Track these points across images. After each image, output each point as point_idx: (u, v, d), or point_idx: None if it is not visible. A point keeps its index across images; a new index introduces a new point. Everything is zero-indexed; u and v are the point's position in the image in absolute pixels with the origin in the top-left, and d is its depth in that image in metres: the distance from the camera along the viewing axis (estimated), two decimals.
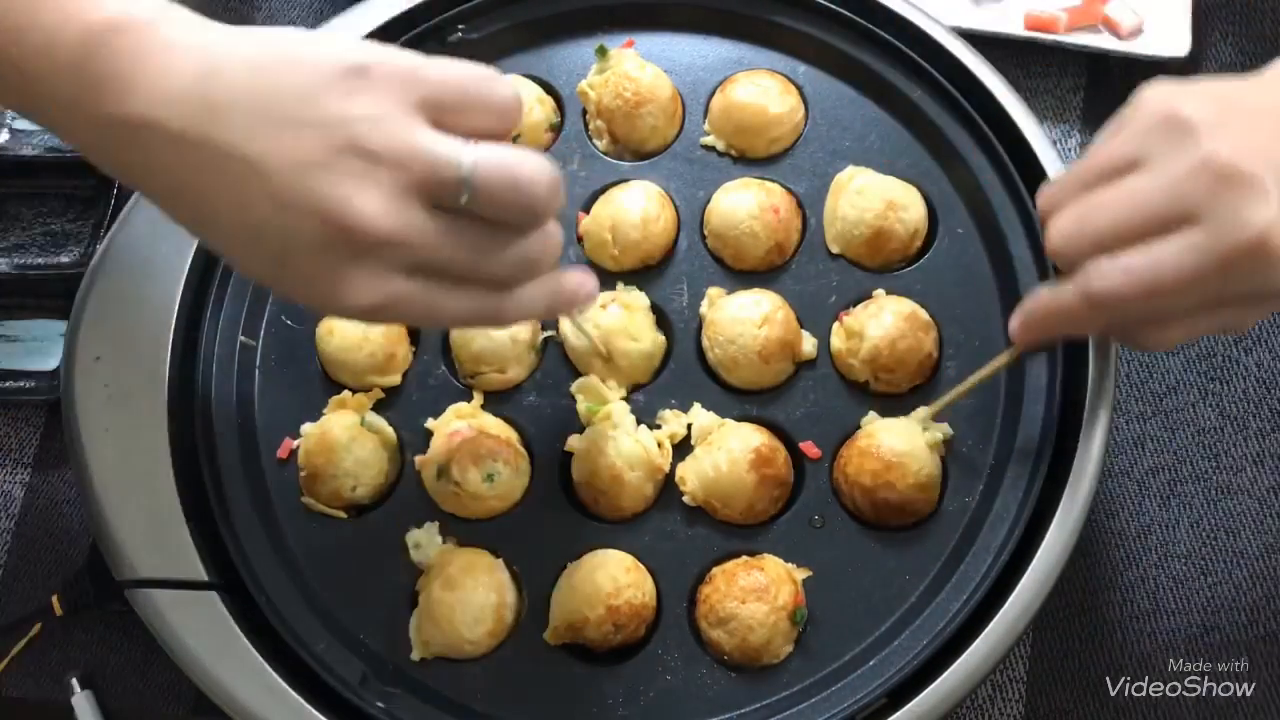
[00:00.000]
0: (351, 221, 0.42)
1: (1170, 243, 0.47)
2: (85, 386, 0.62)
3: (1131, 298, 0.48)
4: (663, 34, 0.71)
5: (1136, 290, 0.48)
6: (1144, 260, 0.48)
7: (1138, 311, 0.50)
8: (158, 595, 0.59)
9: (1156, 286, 0.48)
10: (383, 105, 0.43)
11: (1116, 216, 0.49)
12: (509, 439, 0.62)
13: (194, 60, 0.43)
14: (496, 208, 0.44)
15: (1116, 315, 0.50)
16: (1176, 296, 0.48)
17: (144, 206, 0.66)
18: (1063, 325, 0.53)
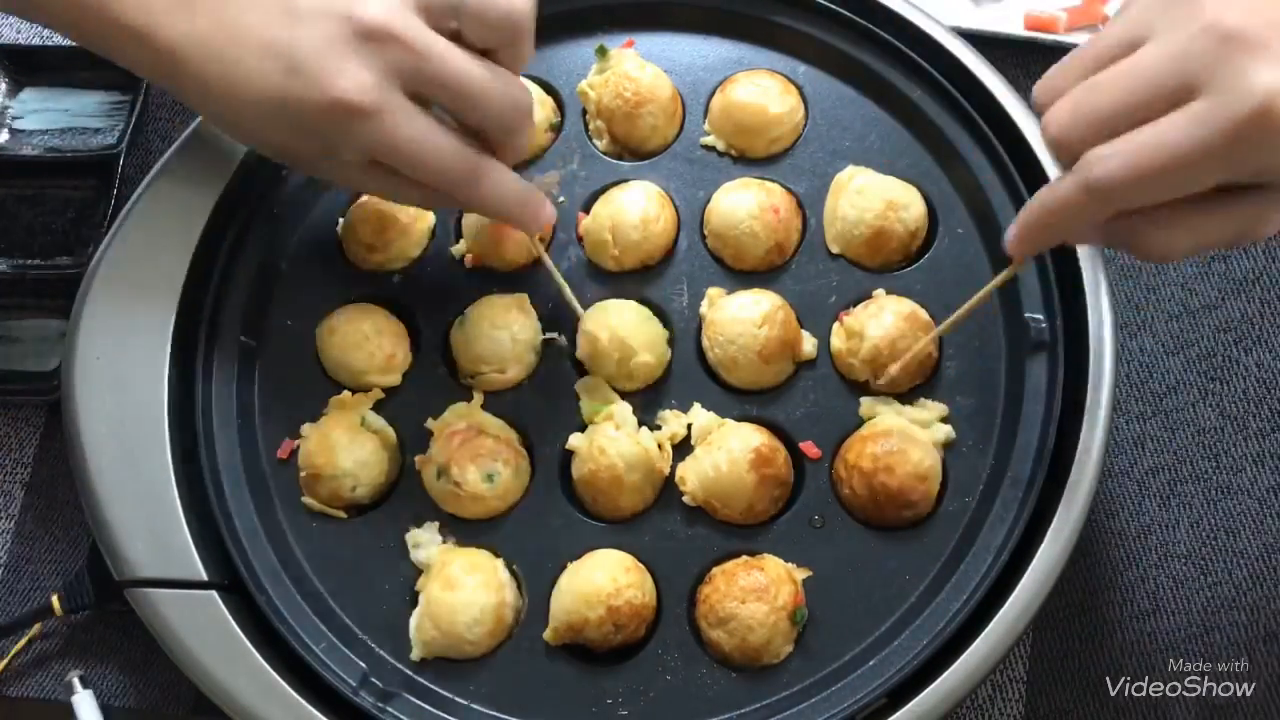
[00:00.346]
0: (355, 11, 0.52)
1: (1173, 117, 0.44)
2: (85, 386, 0.62)
3: (1133, 180, 0.45)
4: (663, 34, 0.71)
5: (1137, 171, 0.44)
6: (1144, 138, 0.44)
7: (1140, 198, 0.45)
8: (158, 595, 0.59)
9: (1159, 165, 0.44)
10: None
11: (1115, 95, 0.46)
12: (509, 439, 0.62)
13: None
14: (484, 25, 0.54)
15: (1118, 203, 0.46)
16: (1182, 177, 0.44)
17: (144, 207, 0.66)
18: (1063, 224, 0.49)
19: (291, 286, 0.67)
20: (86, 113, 0.80)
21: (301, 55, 0.53)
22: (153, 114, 0.80)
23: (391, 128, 0.53)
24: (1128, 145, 0.45)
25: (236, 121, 0.58)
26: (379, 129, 0.53)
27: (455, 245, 0.67)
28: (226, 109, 0.57)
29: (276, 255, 0.67)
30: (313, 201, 0.68)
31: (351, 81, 0.52)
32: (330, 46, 0.52)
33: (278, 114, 0.54)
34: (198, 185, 0.66)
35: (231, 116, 0.57)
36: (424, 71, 0.53)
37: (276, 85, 0.54)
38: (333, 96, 0.52)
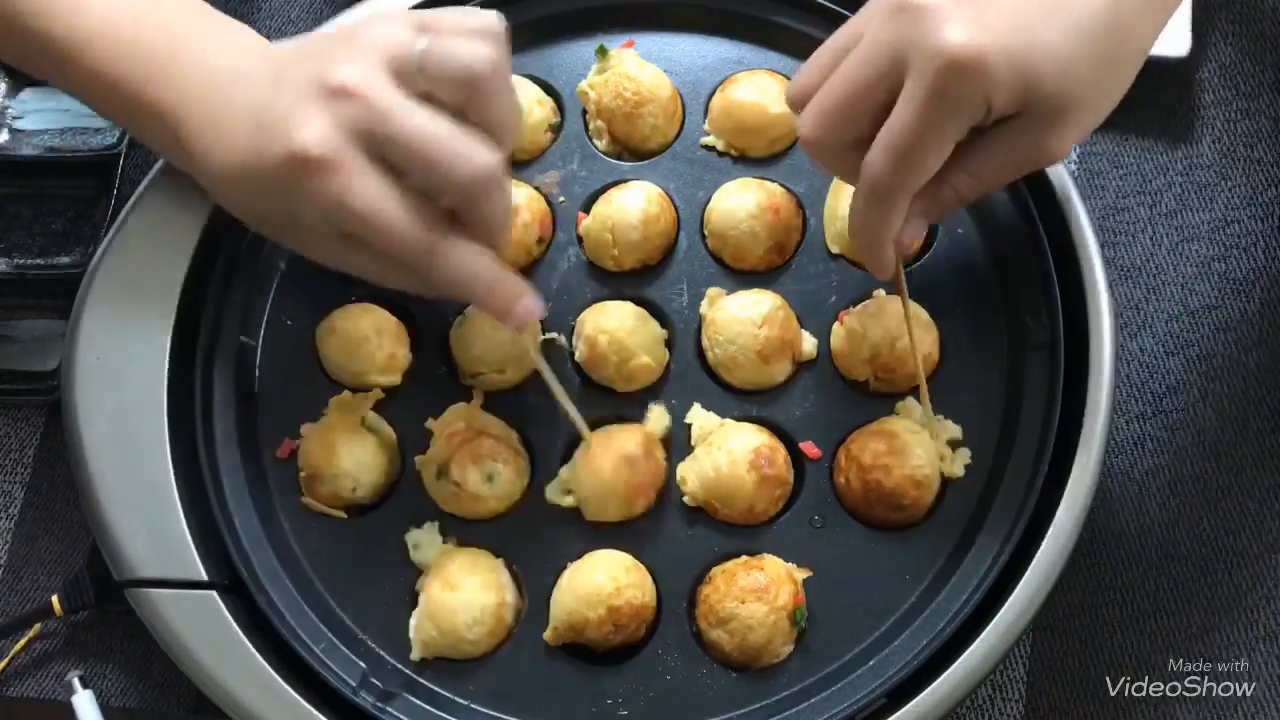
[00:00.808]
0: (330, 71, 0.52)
1: (899, 103, 0.49)
2: (85, 386, 0.62)
3: (897, 169, 0.50)
4: (663, 34, 0.71)
5: (897, 162, 0.50)
6: (887, 133, 0.50)
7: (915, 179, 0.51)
8: (158, 595, 0.59)
9: (908, 148, 0.49)
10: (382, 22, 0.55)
11: (844, 89, 0.51)
12: (509, 439, 0.62)
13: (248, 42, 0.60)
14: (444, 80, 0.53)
15: (900, 193, 0.51)
16: (931, 147, 0.50)
17: (144, 207, 0.66)
18: (880, 231, 0.53)
19: (291, 286, 0.67)
20: (86, 113, 0.79)
21: (271, 112, 0.53)
22: None
23: (345, 185, 0.52)
24: (879, 144, 0.50)
25: (219, 188, 0.59)
26: (333, 186, 0.52)
27: None
28: (209, 173, 0.58)
29: (276, 255, 0.67)
30: None
31: (310, 134, 0.51)
32: (298, 104, 0.53)
33: (246, 172, 0.55)
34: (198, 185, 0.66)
35: (214, 182, 0.58)
36: (383, 129, 0.52)
37: (245, 142, 0.54)
38: (290, 149, 0.52)
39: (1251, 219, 0.70)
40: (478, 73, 0.53)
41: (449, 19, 0.55)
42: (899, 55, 0.49)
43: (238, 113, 0.55)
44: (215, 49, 0.58)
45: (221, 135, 0.56)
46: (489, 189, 0.53)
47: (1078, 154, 0.74)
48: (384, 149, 0.52)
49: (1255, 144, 0.72)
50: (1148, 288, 0.70)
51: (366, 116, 0.52)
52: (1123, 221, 0.71)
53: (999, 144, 0.52)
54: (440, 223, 0.54)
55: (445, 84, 0.53)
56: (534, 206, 0.66)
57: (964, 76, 0.47)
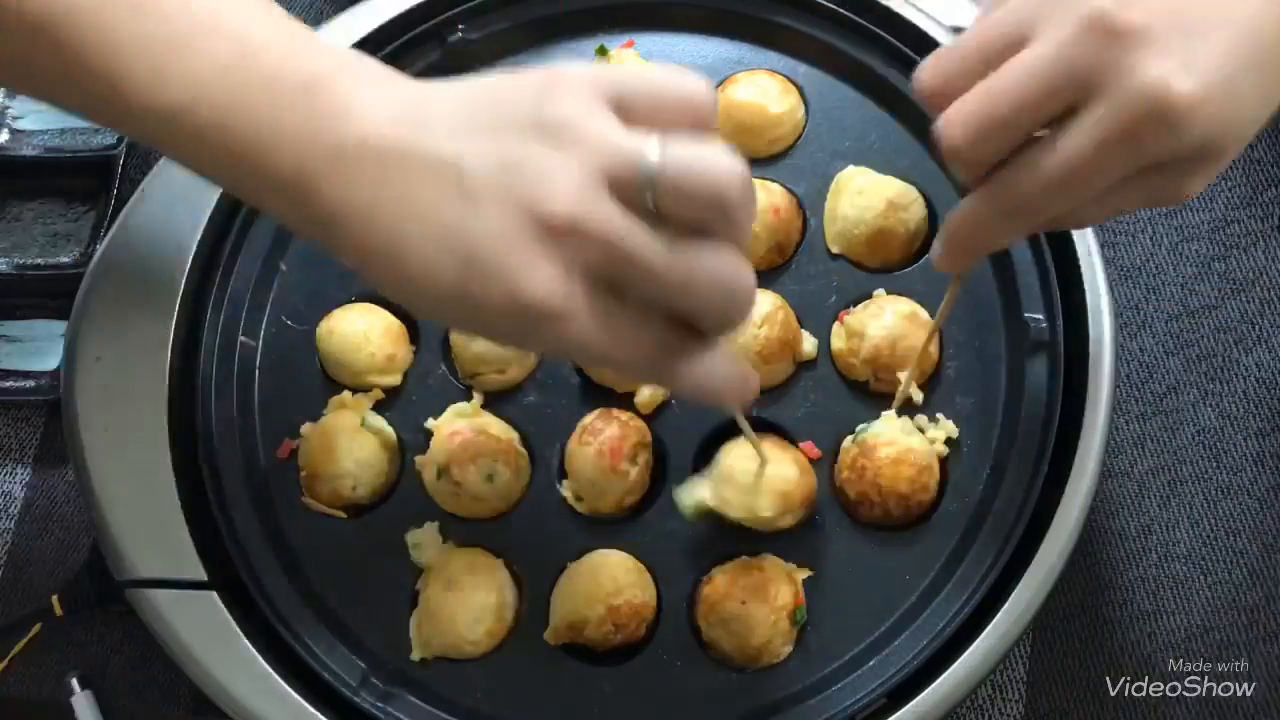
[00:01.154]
0: (542, 200, 0.42)
1: (1074, 128, 0.44)
2: (85, 386, 0.63)
3: (1046, 198, 0.45)
4: (663, 34, 0.71)
5: (1050, 190, 0.45)
6: (1049, 157, 0.45)
7: (1057, 207, 0.46)
8: (158, 595, 0.59)
9: (1068, 178, 0.45)
10: (574, 103, 0.43)
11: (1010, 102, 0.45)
12: (509, 439, 0.62)
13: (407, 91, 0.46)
14: (685, 200, 0.43)
15: (1037, 216, 0.47)
16: (1090, 182, 0.45)
17: (144, 207, 0.66)
18: (985, 242, 0.50)
19: (291, 286, 0.67)
20: None
21: (480, 249, 0.43)
22: None
23: (581, 330, 0.44)
24: (1038, 165, 0.45)
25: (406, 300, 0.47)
26: (568, 331, 0.44)
27: None
28: (393, 285, 0.46)
29: (276, 255, 0.67)
30: None
31: (539, 285, 0.43)
32: (513, 242, 0.43)
33: (455, 305, 0.45)
34: (198, 185, 0.65)
35: (399, 295, 0.47)
36: (620, 266, 0.43)
37: (452, 279, 0.44)
38: (520, 302, 0.43)
39: (1251, 219, 0.70)
40: (729, 199, 0.43)
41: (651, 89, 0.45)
42: (1089, 78, 0.43)
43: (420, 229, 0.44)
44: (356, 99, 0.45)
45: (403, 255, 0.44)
46: (743, 309, 0.46)
47: None
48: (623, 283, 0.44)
49: (1255, 144, 0.72)
50: (1148, 288, 0.70)
51: (600, 256, 0.43)
52: (1123, 221, 0.71)
53: (1142, 183, 0.46)
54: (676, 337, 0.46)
55: (688, 207, 0.43)
56: None
57: (1162, 124, 0.42)
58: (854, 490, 0.59)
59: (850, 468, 0.59)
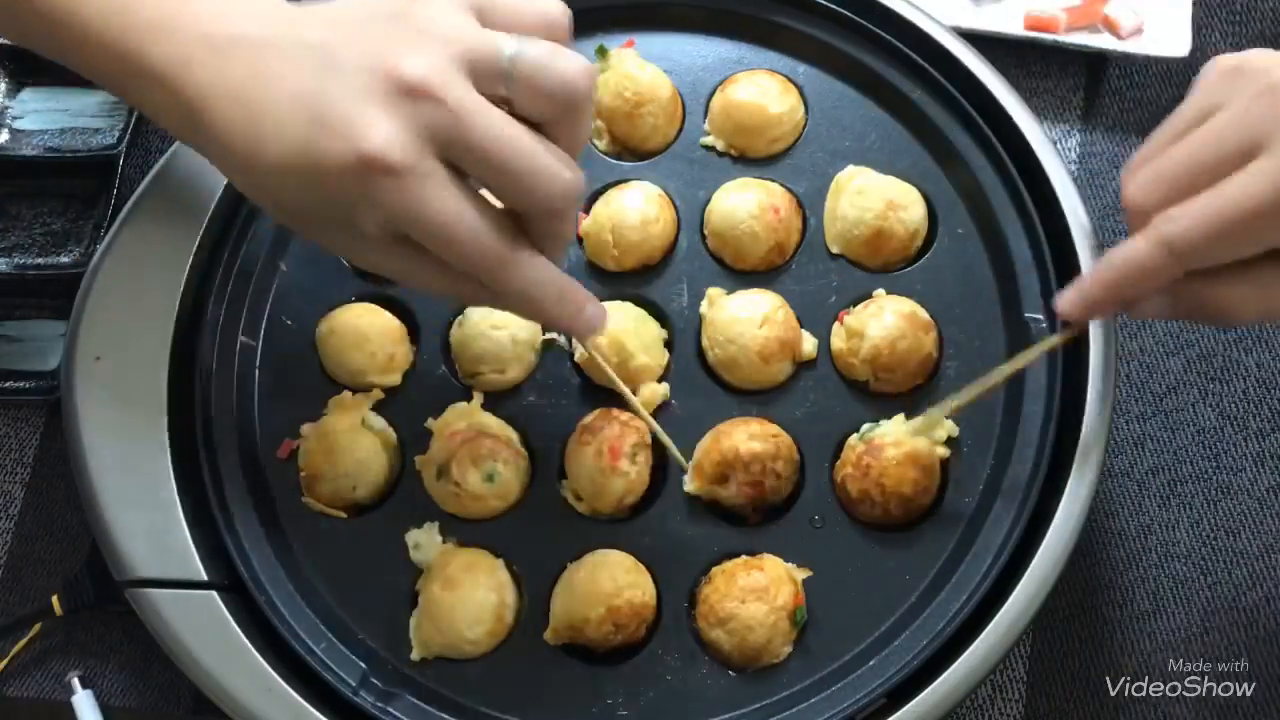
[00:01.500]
0: (395, 66, 0.47)
1: (1240, 174, 0.47)
2: (85, 386, 0.62)
3: (1204, 236, 0.47)
4: (663, 34, 0.71)
5: (1208, 226, 0.47)
6: (1212, 194, 0.47)
7: (1213, 254, 0.48)
8: (158, 595, 0.59)
9: (1225, 217, 0.46)
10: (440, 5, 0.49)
11: (1186, 157, 0.49)
12: (509, 439, 0.62)
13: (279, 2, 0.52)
14: (535, 91, 0.48)
15: (1192, 260, 0.48)
16: (1251, 231, 0.47)
17: (144, 207, 0.66)
18: (1136, 282, 0.50)
19: (291, 286, 0.67)
20: (86, 113, 0.80)
21: (331, 106, 0.47)
22: None
23: (418, 192, 0.47)
24: (1198, 202, 0.47)
25: (256, 180, 0.51)
26: (405, 193, 0.47)
27: None
28: (246, 164, 0.51)
29: (276, 255, 0.67)
30: None
31: (381, 136, 0.46)
32: (363, 99, 0.47)
33: (298, 170, 0.49)
34: (198, 184, 0.66)
35: (251, 174, 0.51)
36: (462, 136, 0.47)
37: (300, 137, 0.48)
38: (359, 150, 0.46)
39: None
40: (576, 91, 0.48)
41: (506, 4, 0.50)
42: (1258, 135, 0.47)
43: (278, 97, 0.49)
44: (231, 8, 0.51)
45: (259, 123, 0.49)
46: (571, 206, 0.50)
47: (1078, 154, 0.74)
48: (461, 156, 0.48)
49: None
50: None
51: (445, 120, 0.47)
52: (1123, 222, 0.71)
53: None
54: (512, 233, 0.50)
55: (538, 98, 0.48)
56: None
57: None
58: (856, 488, 0.59)
59: (855, 465, 0.59)
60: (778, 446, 0.59)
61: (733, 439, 0.59)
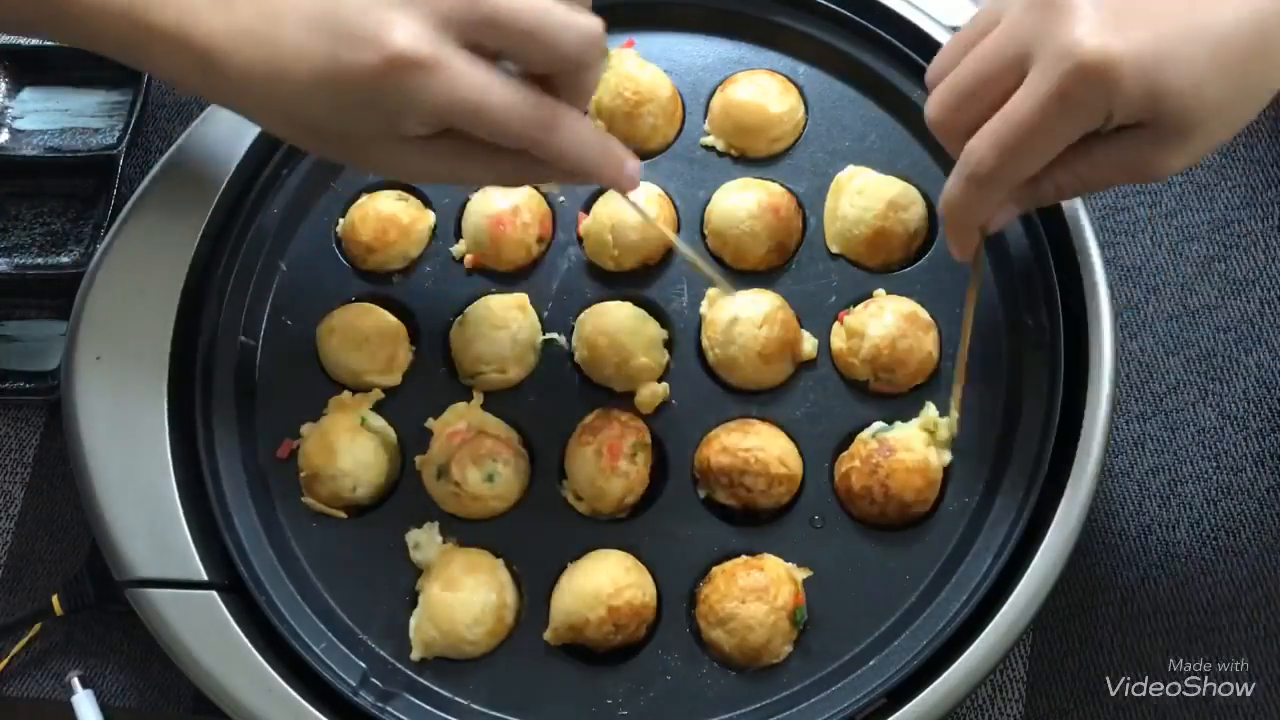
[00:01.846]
0: None
1: (1018, 93, 0.48)
2: (85, 386, 0.62)
3: (1003, 160, 0.49)
4: (663, 34, 0.71)
5: (1003, 153, 0.49)
6: (998, 119, 0.49)
7: (1018, 172, 0.50)
8: (158, 595, 0.59)
9: (1018, 139, 0.48)
10: None
11: (974, 73, 0.50)
12: (509, 439, 0.62)
13: None
14: None
15: (1001, 184, 0.50)
16: (1042, 143, 0.48)
17: (144, 207, 0.66)
18: (970, 216, 0.53)
19: (291, 286, 0.67)
20: (86, 113, 0.80)
21: (347, 18, 0.49)
22: (153, 114, 0.80)
23: (453, 78, 0.48)
24: (989, 130, 0.49)
25: (285, 110, 0.53)
26: (441, 82, 0.48)
27: (455, 245, 0.67)
28: (272, 98, 0.52)
29: (276, 255, 0.67)
30: (313, 201, 0.68)
31: (404, 33, 0.48)
32: (376, 3, 0.49)
33: (329, 89, 0.50)
34: (198, 185, 0.66)
35: (279, 105, 0.53)
36: (480, 13, 0.49)
37: (323, 55, 0.49)
38: (387, 53, 0.48)
39: (1251, 219, 0.70)
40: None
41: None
42: (1029, 48, 0.48)
43: (293, 23, 0.50)
44: None
45: (279, 54, 0.51)
46: (596, 55, 0.51)
47: None
48: (483, 33, 0.49)
49: (1255, 144, 0.72)
50: (1148, 288, 0.70)
51: (460, 4, 0.48)
52: (1123, 221, 0.71)
53: (1109, 151, 0.50)
54: (546, 96, 0.51)
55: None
56: (534, 206, 0.66)
57: (1090, 83, 0.46)
58: (860, 483, 0.59)
59: (864, 460, 0.59)
60: (747, 462, 0.59)
61: (709, 449, 0.60)
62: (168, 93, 0.80)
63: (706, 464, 0.60)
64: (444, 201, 0.68)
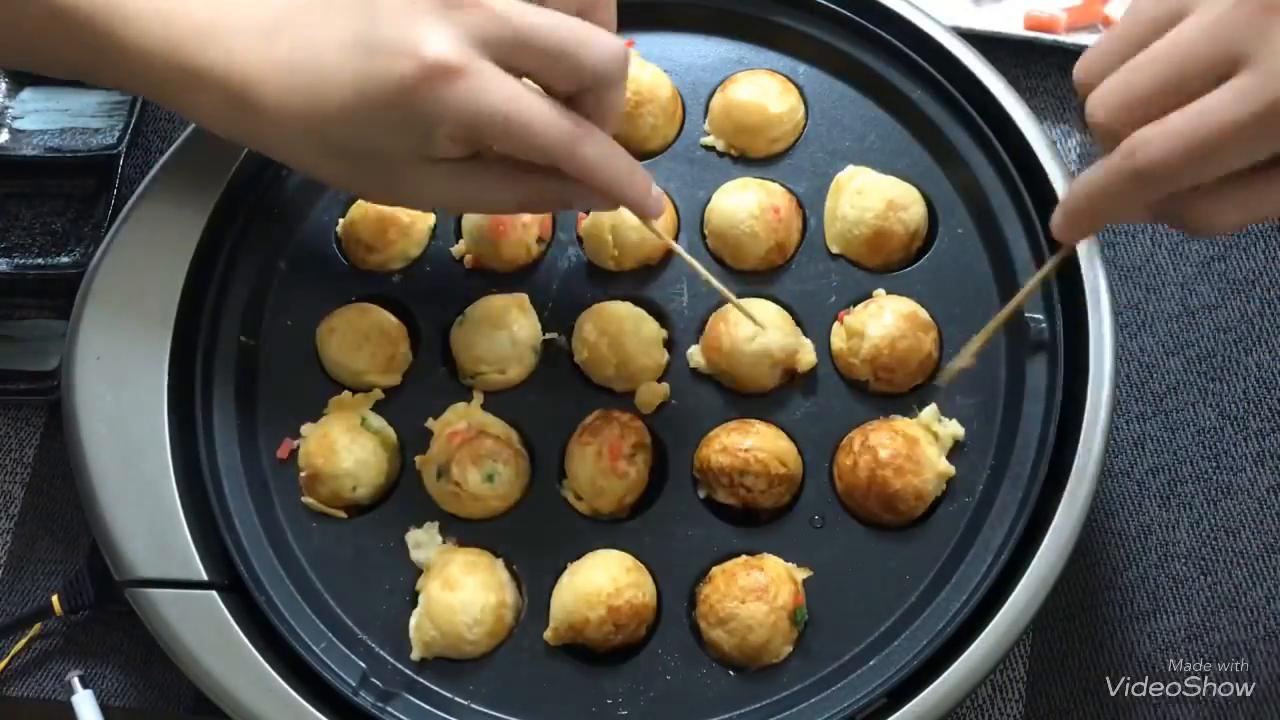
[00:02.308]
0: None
1: (1217, 93, 0.43)
2: (85, 386, 0.62)
3: (1178, 162, 0.43)
4: (663, 34, 0.71)
5: (1182, 150, 0.43)
6: (1187, 116, 0.43)
7: (1187, 179, 0.44)
8: (158, 595, 0.59)
9: (1205, 144, 0.43)
10: None
11: (1157, 73, 0.45)
12: (509, 439, 0.62)
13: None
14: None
15: (1165, 186, 0.45)
16: (1228, 154, 0.43)
17: (144, 207, 0.66)
18: (1109, 206, 0.47)
19: (291, 286, 0.67)
20: (86, 113, 0.80)
21: (381, 36, 0.51)
22: (153, 114, 0.80)
23: (485, 85, 0.50)
24: (1172, 126, 0.43)
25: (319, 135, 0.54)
26: (473, 89, 0.50)
27: (455, 245, 0.67)
28: (308, 122, 0.53)
29: (276, 255, 0.67)
30: (313, 201, 0.68)
31: (438, 44, 0.49)
32: (410, 19, 0.50)
33: (364, 104, 0.51)
34: (198, 185, 0.66)
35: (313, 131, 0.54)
36: (510, 32, 0.50)
37: (360, 71, 0.51)
38: (420, 60, 0.49)
39: None
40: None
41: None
42: (1236, 50, 0.42)
43: (326, 48, 0.52)
44: None
45: (315, 80, 0.52)
46: (621, 72, 0.53)
47: (1077, 154, 0.74)
48: (511, 52, 0.51)
49: None
50: (1148, 288, 0.70)
51: (491, 22, 0.50)
52: (1124, 227, 0.71)
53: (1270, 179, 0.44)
54: (574, 113, 0.52)
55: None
56: None
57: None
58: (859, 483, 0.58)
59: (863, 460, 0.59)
60: (747, 462, 0.59)
61: (709, 449, 0.60)
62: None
63: (706, 464, 0.60)
64: None
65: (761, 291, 0.64)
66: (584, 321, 0.63)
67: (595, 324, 0.63)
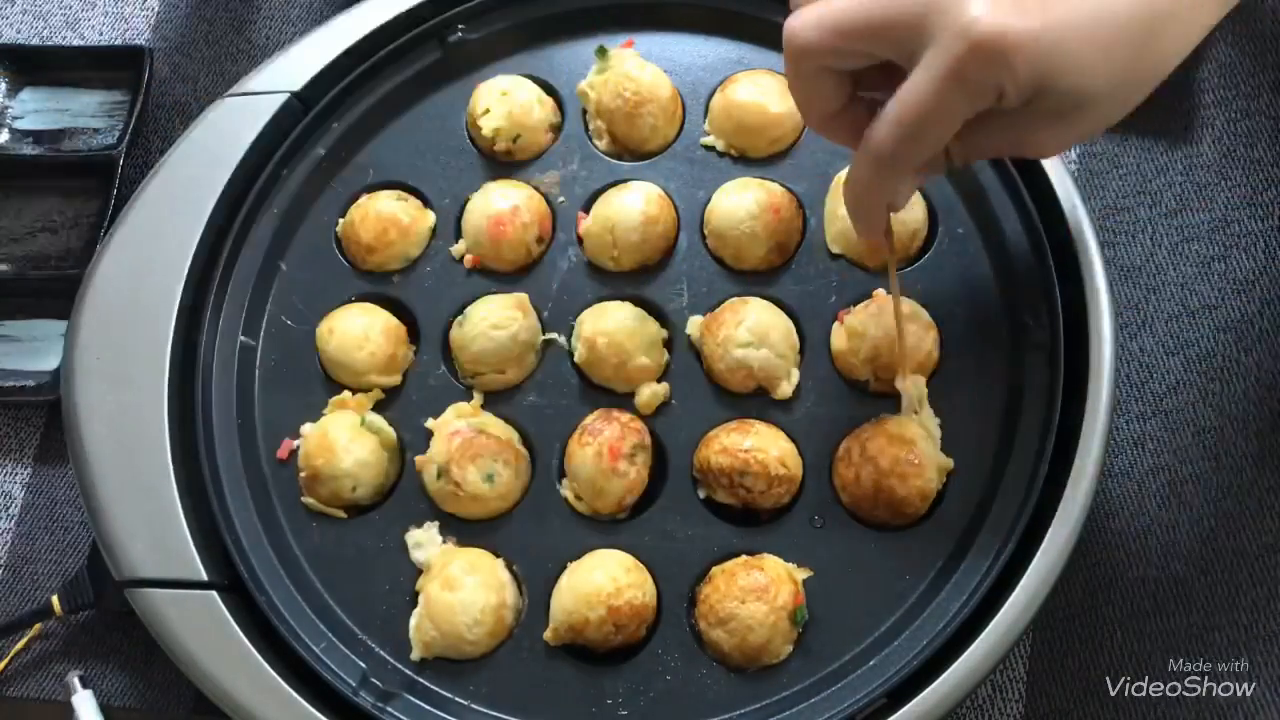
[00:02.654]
0: None
1: (915, 73, 0.47)
2: (85, 387, 0.63)
3: (906, 140, 0.48)
4: (663, 34, 0.71)
5: (903, 136, 0.48)
6: (897, 105, 0.48)
7: (921, 151, 0.49)
8: (158, 595, 0.59)
9: (916, 124, 0.48)
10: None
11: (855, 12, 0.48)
12: (509, 439, 0.62)
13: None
14: None
15: (905, 165, 0.50)
16: (941, 122, 0.48)
17: (144, 207, 0.66)
18: (877, 196, 0.52)
19: (291, 286, 0.67)
20: (86, 113, 0.80)
21: None
22: (153, 114, 0.80)
23: None
24: (886, 116, 0.48)
25: None
26: None
27: (455, 245, 0.67)
28: None
29: (276, 255, 0.67)
30: (313, 201, 0.68)
31: None
32: None
33: None
34: (198, 185, 0.66)
35: None
36: None
37: None
38: None
39: (1251, 219, 0.70)
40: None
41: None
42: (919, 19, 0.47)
43: None
44: None
45: None
46: None
47: (1077, 154, 0.74)
48: None
49: (1255, 144, 0.72)
50: (1148, 288, 0.70)
51: None
52: (1123, 221, 0.71)
53: (1001, 126, 0.50)
54: None
55: None
56: (534, 206, 0.66)
57: (986, 63, 0.45)
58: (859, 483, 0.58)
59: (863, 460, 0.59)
60: (747, 462, 0.59)
61: (709, 449, 0.60)
62: (167, 93, 0.80)
63: (706, 464, 0.60)
64: (444, 202, 0.68)
65: (762, 292, 0.64)
66: (584, 321, 0.63)
67: (595, 324, 0.63)
